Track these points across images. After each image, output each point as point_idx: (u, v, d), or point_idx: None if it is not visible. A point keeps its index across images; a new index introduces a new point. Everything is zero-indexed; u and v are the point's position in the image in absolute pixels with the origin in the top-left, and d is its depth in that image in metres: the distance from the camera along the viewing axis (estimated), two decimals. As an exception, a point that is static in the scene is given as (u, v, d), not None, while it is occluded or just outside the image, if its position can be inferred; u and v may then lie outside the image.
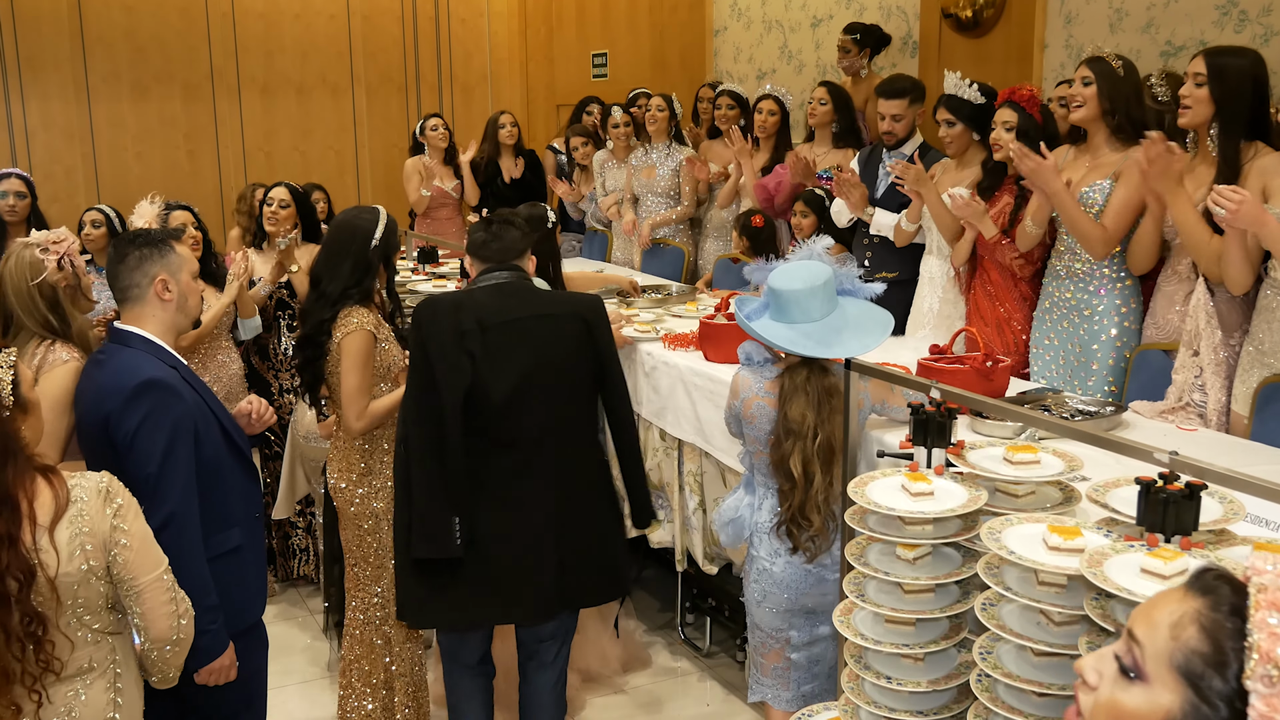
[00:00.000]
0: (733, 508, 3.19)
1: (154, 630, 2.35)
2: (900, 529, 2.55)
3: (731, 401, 3.16)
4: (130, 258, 2.82)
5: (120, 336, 2.81)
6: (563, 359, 3.25)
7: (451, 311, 3.17)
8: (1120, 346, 3.84)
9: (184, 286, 2.86)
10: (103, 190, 8.76)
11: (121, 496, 2.31)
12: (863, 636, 2.57)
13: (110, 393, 2.69)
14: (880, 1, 7.09)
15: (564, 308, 3.30)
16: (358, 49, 9.60)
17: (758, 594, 3.14)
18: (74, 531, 2.23)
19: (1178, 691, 1.23)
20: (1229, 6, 4.95)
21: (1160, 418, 3.41)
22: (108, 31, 8.78)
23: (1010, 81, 5.54)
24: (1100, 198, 3.81)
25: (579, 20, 9.70)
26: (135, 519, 2.32)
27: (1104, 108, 3.81)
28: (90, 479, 2.30)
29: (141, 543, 2.31)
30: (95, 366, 2.82)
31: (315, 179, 7.92)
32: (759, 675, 3.25)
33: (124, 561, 2.28)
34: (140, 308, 2.82)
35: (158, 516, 2.58)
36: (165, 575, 2.36)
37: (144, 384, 2.68)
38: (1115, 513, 2.33)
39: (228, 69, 9.22)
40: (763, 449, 3.09)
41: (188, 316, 2.94)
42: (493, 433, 3.18)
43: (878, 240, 4.86)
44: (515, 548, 3.22)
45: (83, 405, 2.79)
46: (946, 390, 2.69)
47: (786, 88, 6.50)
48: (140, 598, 2.31)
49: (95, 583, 2.26)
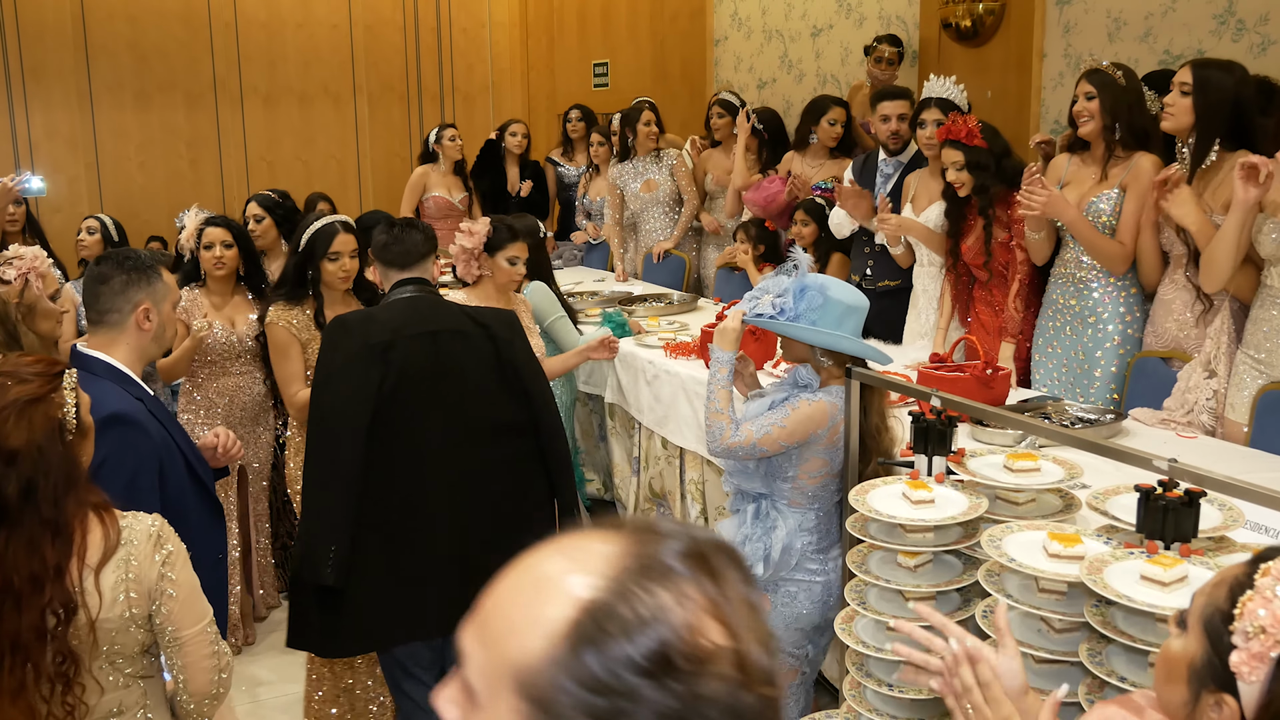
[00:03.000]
0: (782, 539, 3.00)
1: (194, 684, 2.23)
2: (901, 536, 2.56)
3: (814, 431, 2.94)
4: (114, 280, 2.68)
5: (85, 363, 2.61)
6: (474, 374, 3.17)
7: (362, 324, 3.08)
8: (1123, 355, 3.86)
9: (165, 316, 2.74)
10: (106, 200, 8.78)
11: (172, 543, 2.19)
12: (864, 643, 2.58)
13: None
14: (880, 11, 7.11)
15: (474, 324, 3.21)
16: (360, 59, 9.62)
17: (787, 617, 3.05)
18: (120, 576, 2.11)
19: (1201, 643, 1.36)
20: (1226, 16, 4.97)
21: (1161, 425, 3.43)
22: (111, 41, 8.80)
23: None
24: (1108, 207, 3.82)
25: (580, 30, 9.74)
26: (184, 568, 2.18)
27: (1105, 122, 3.83)
28: (142, 521, 2.18)
29: (189, 594, 2.19)
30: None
31: (317, 188, 7.94)
32: None
33: (168, 613, 2.15)
34: (115, 333, 2.68)
35: None
36: (210, 628, 2.24)
37: (107, 419, 2.47)
38: (1115, 520, 2.35)
39: (230, 78, 9.24)
40: (835, 473, 3.01)
41: (161, 347, 2.82)
42: (399, 445, 3.07)
43: (879, 249, 4.88)
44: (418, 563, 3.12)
45: None
46: (947, 398, 2.71)
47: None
48: (183, 650, 2.19)
49: (135, 630, 2.14)
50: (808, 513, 3.03)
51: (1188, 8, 5.14)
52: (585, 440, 5.06)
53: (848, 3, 7.42)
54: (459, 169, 7.41)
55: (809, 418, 2.92)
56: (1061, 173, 4.01)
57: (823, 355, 2.99)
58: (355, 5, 9.53)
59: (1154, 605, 2.01)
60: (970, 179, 4.14)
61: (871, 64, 6.47)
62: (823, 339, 2.91)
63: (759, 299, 2.97)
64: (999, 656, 1.65)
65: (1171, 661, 1.40)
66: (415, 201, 7.31)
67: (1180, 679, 1.38)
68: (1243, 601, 1.29)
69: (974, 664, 1.63)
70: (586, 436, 5.06)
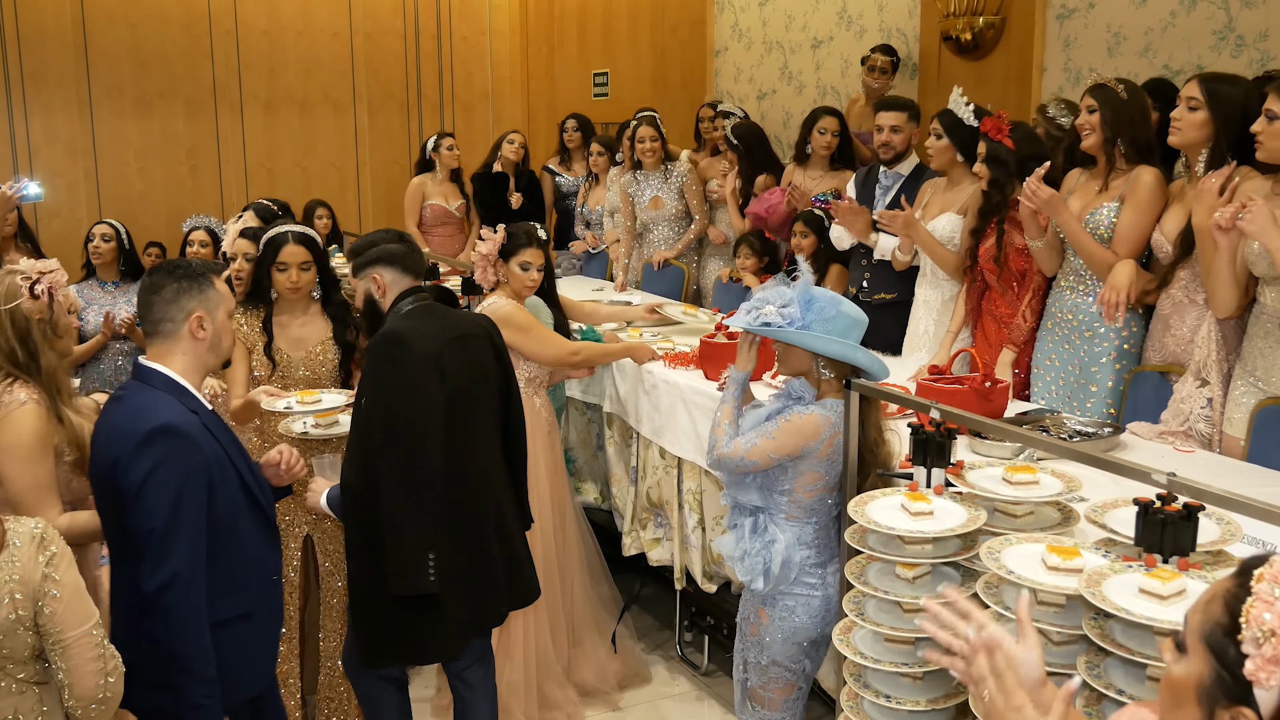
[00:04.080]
0: (781, 552, 2.99)
1: (79, 688, 2.22)
2: (900, 548, 2.56)
3: (805, 445, 2.92)
4: (166, 289, 2.64)
5: (143, 374, 2.63)
6: (493, 376, 3.35)
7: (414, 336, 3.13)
8: (1120, 369, 3.86)
9: (219, 325, 2.71)
10: (105, 205, 8.78)
11: (56, 545, 2.20)
12: (862, 655, 2.58)
13: (121, 436, 2.50)
14: (880, 24, 7.13)
15: (478, 326, 3.37)
16: (360, 66, 9.63)
17: (785, 631, 3.04)
18: (5, 577, 2.13)
19: (1206, 661, 1.34)
20: (1226, 31, 4.98)
21: (1160, 439, 3.43)
22: (111, 47, 8.81)
23: (1009, 104, 5.59)
24: (1107, 220, 3.83)
25: (580, 39, 9.75)
26: (68, 569, 2.20)
27: (1106, 135, 3.84)
28: (25, 524, 2.20)
29: (73, 594, 2.20)
30: (114, 404, 2.62)
31: (317, 195, 7.95)
32: (764, 712, 3.14)
33: (51, 613, 2.16)
34: (170, 344, 2.65)
35: (160, 576, 2.44)
36: (95, 630, 2.23)
37: (156, 430, 2.49)
38: (1113, 533, 2.35)
39: (230, 85, 9.25)
40: (831, 486, 3.01)
41: (219, 357, 2.76)
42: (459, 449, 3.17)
43: (876, 262, 4.88)
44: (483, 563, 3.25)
45: (96, 446, 2.57)
46: (946, 410, 2.71)
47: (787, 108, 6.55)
48: (66, 652, 2.19)
49: (22, 633, 2.16)
50: (805, 526, 3.02)
51: (1188, 23, 5.15)
52: (583, 449, 5.06)
53: (848, 15, 7.44)
54: (456, 177, 7.41)
55: (799, 430, 2.91)
56: (1073, 184, 4.03)
57: (825, 367, 2.96)
58: (356, 13, 9.54)
59: (1152, 619, 2.01)
60: (988, 173, 4.20)
61: (865, 73, 6.49)
62: (836, 349, 2.89)
63: (760, 309, 2.94)
64: (1019, 646, 1.65)
65: (1177, 686, 1.38)
66: (417, 211, 7.32)
67: (1189, 702, 1.36)
68: (1245, 609, 1.28)
69: (990, 653, 1.63)
70: (584, 446, 5.06)
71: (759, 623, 3.07)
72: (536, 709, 4.11)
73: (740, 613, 3.19)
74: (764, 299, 2.95)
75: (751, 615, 3.10)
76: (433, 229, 7.38)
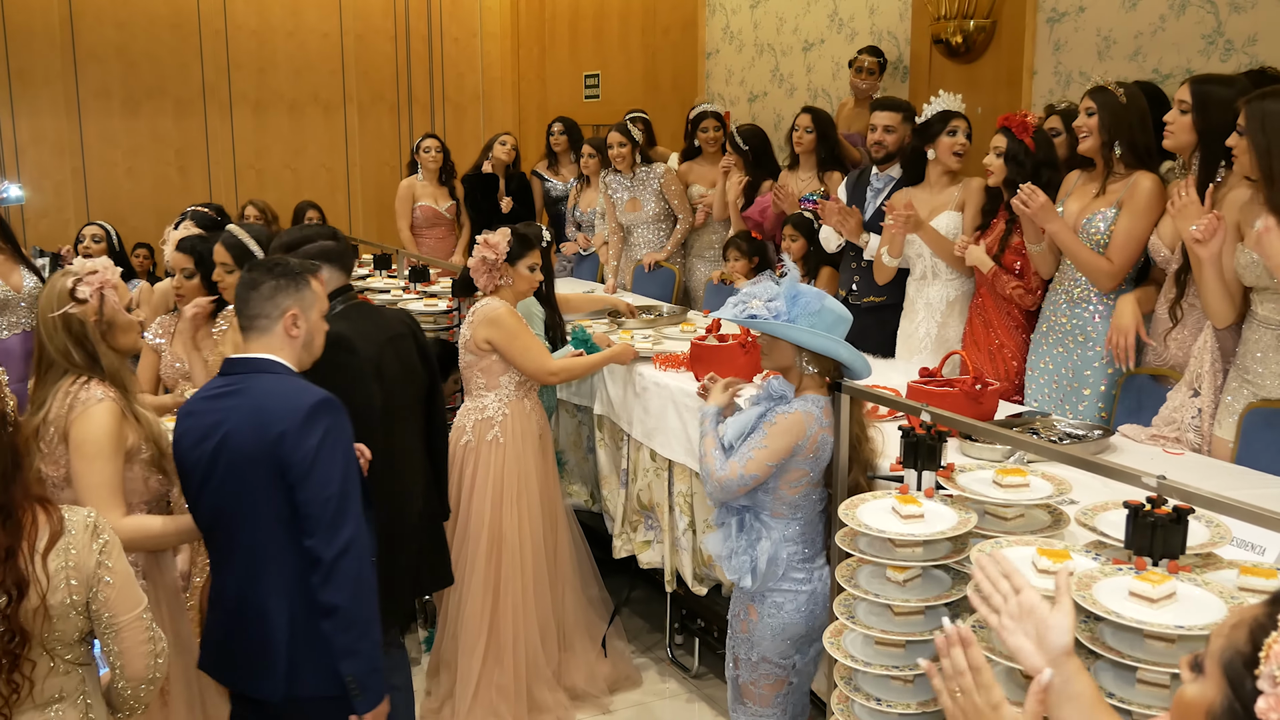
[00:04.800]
0: (768, 550, 3.01)
1: (131, 669, 2.30)
2: (890, 551, 2.56)
3: (795, 443, 2.91)
4: (264, 286, 2.71)
5: (256, 364, 2.67)
6: (415, 376, 3.46)
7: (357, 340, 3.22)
8: (1112, 373, 3.87)
9: (312, 325, 2.77)
10: (92, 205, 8.75)
11: (107, 534, 2.27)
12: (852, 658, 2.58)
13: (281, 414, 2.54)
14: (872, 26, 7.14)
15: (404, 326, 3.49)
16: (350, 67, 9.62)
17: (774, 627, 3.05)
18: (61, 563, 2.20)
19: (1220, 688, 1.28)
20: (1215, 35, 5.00)
21: (1151, 441, 3.43)
22: (100, 47, 8.79)
23: (1000, 107, 5.60)
24: (1104, 225, 3.83)
25: (572, 41, 9.75)
26: (119, 558, 2.27)
27: (1104, 139, 3.84)
28: (79, 513, 2.27)
29: (124, 581, 2.27)
30: (234, 396, 2.63)
31: (307, 196, 7.95)
32: (755, 708, 3.15)
33: (105, 599, 2.24)
34: (266, 339, 2.71)
35: (339, 541, 2.50)
36: (145, 614, 2.31)
37: (320, 403, 2.57)
38: (1103, 536, 2.35)
39: (220, 85, 9.23)
40: (816, 481, 3.03)
41: (310, 355, 2.81)
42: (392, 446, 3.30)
43: (866, 265, 4.88)
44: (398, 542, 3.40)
45: (241, 433, 2.57)
46: (936, 413, 2.71)
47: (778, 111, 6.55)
48: (120, 635, 2.27)
49: (75, 617, 2.23)
50: (791, 523, 3.03)
51: (1177, 27, 5.17)
52: (573, 451, 5.05)
53: (839, 18, 7.45)
54: (446, 178, 7.40)
55: (787, 431, 2.91)
56: (1071, 186, 4.03)
57: (808, 362, 2.96)
58: (346, 14, 9.53)
59: (1142, 622, 2.01)
60: (1003, 169, 4.19)
61: (853, 75, 6.50)
62: (821, 343, 2.89)
63: (747, 303, 2.94)
64: (1052, 612, 1.64)
65: (1188, 708, 1.33)
66: (408, 213, 7.31)
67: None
68: (1268, 644, 1.22)
69: (967, 647, 1.63)
70: (574, 448, 5.05)
71: (748, 620, 3.08)
72: (526, 712, 4.10)
73: (730, 610, 3.20)
74: (751, 293, 2.95)
75: (741, 613, 3.12)
76: (424, 231, 7.37)
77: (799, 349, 2.94)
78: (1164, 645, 2.03)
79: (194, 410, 2.67)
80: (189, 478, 2.66)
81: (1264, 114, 3.17)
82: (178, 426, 2.69)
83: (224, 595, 2.67)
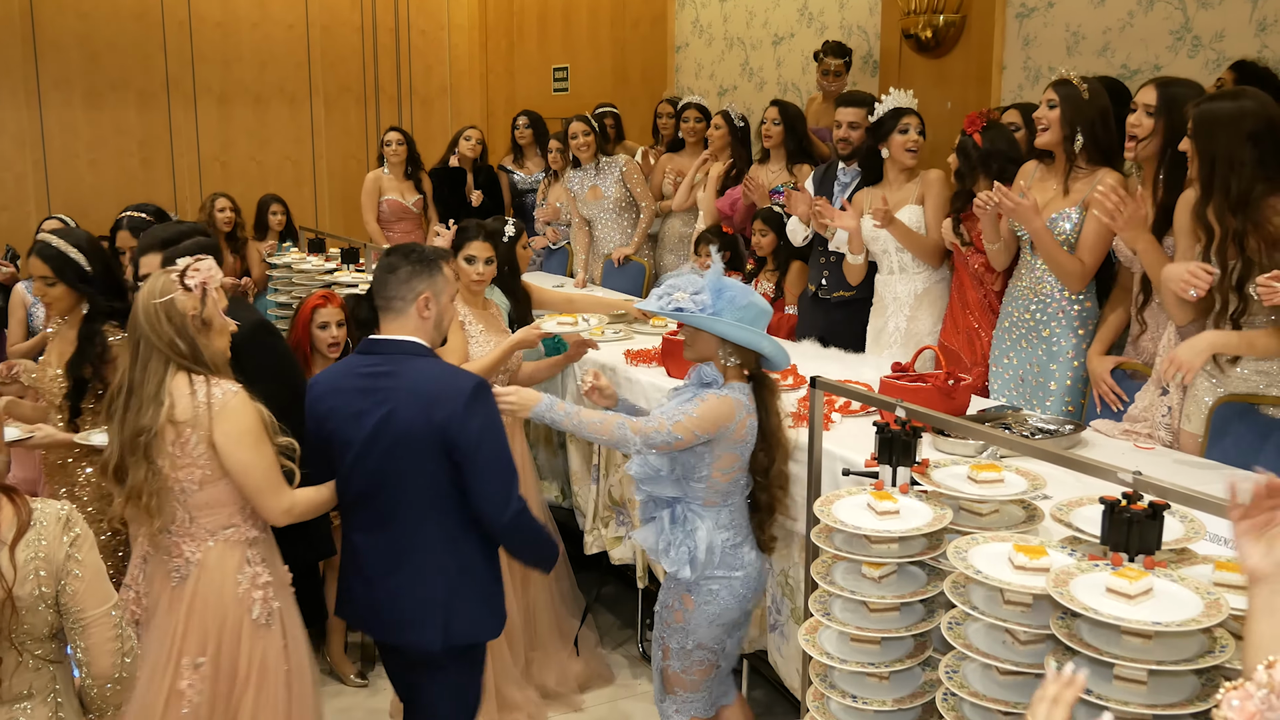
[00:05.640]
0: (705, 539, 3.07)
1: (97, 666, 2.30)
2: (866, 548, 2.55)
3: (722, 426, 2.98)
4: (401, 271, 2.93)
5: (400, 346, 2.91)
6: None
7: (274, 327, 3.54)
8: (1078, 368, 3.88)
9: (442, 307, 2.99)
10: (54, 198, 8.62)
11: (79, 527, 2.27)
12: (828, 655, 2.57)
13: (445, 398, 2.81)
14: (841, 21, 7.14)
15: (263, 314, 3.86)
16: (316, 59, 9.52)
17: (710, 614, 3.12)
18: (31, 555, 2.19)
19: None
20: (1183, 32, 5.03)
21: (1124, 436, 3.44)
22: (61, 37, 8.65)
23: (969, 102, 5.63)
24: (1069, 226, 3.82)
25: (540, 34, 9.70)
26: (90, 551, 2.27)
27: (1065, 133, 3.84)
28: (51, 505, 2.27)
29: (94, 575, 2.27)
30: (389, 377, 2.87)
31: (272, 189, 7.85)
32: (685, 694, 3.23)
33: (73, 592, 2.24)
34: (402, 320, 2.94)
35: (512, 506, 2.86)
36: (113, 611, 2.31)
37: (477, 385, 2.85)
38: (1079, 532, 2.35)
39: (184, 77, 9.11)
40: (744, 467, 3.10)
41: (439, 336, 3.03)
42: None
43: (835, 259, 4.88)
44: None
45: (400, 415, 2.81)
46: (910, 409, 2.71)
47: (747, 105, 6.54)
48: (86, 631, 2.27)
49: (44, 610, 2.22)
50: (721, 510, 3.10)
51: (1145, 23, 5.19)
52: (544, 447, 5.02)
53: (809, 12, 7.45)
54: (412, 171, 7.33)
55: (716, 411, 2.97)
56: (1028, 179, 4.02)
57: (731, 354, 3.03)
58: (312, 5, 9.44)
59: (1119, 618, 2.01)
60: (955, 162, 4.27)
61: (819, 75, 6.51)
62: (744, 336, 2.97)
63: (671, 295, 3.00)
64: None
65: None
66: (374, 206, 7.24)
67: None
68: (1228, 687, 1.24)
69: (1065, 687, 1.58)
70: (545, 444, 5.02)
71: (683, 609, 3.15)
72: (496, 710, 4.06)
73: (661, 601, 3.25)
74: (675, 285, 3.02)
75: (675, 603, 3.17)
76: (391, 224, 7.30)
77: (722, 341, 3.01)
78: (1141, 642, 2.03)
79: (340, 388, 2.92)
80: (343, 450, 2.90)
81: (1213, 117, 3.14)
82: (320, 403, 2.93)
83: (374, 557, 2.92)
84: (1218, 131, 3.12)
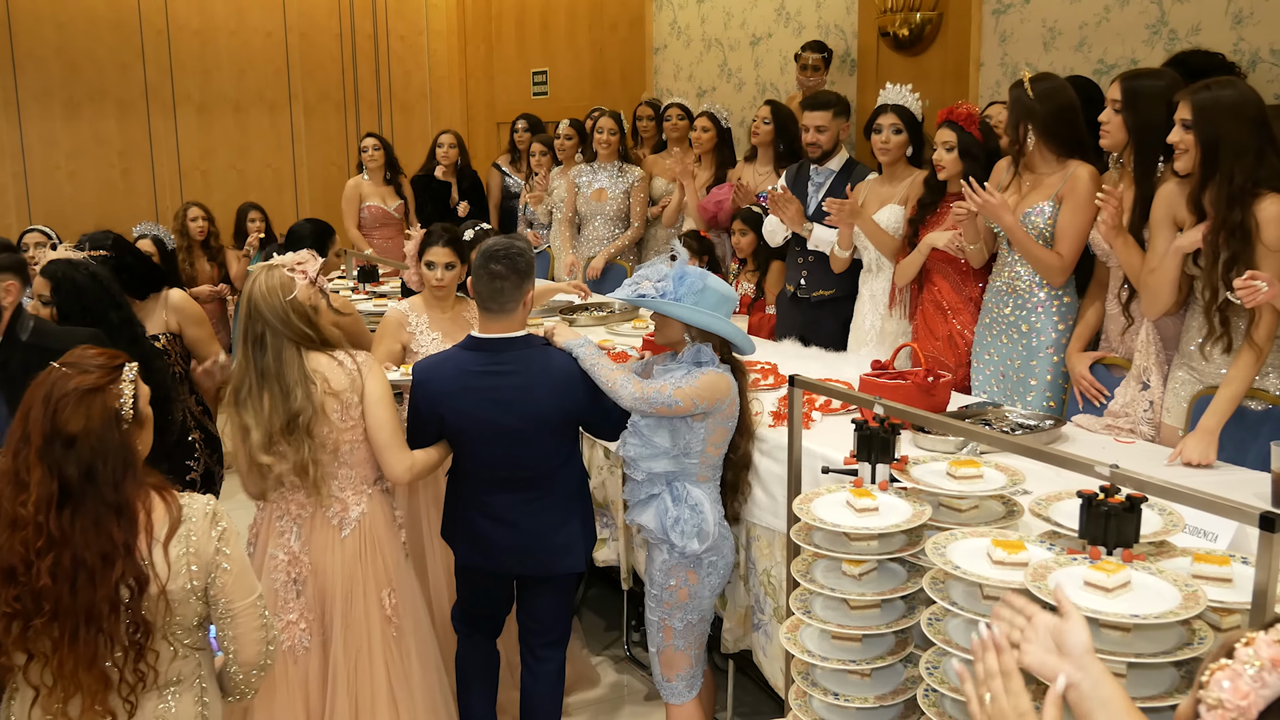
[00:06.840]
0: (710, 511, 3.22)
1: (244, 655, 2.40)
2: (846, 545, 2.55)
3: (719, 399, 3.13)
4: (512, 278, 3.22)
5: (519, 342, 3.27)
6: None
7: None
8: (1058, 363, 3.88)
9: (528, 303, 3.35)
10: (34, 209, 8.58)
11: (225, 521, 2.37)
12: (809, 653, 2.57)
13: (570, 384, 3.24)
14: (819, 20, 7.15)
15: None
16: (295, 66, 9.50)
17: (713, 585, 3.28)
18: (182, 550, 2.29)
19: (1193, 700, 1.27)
20: (1159, 25, 5.05)
21: (1106, 431, 3.44)
22: (38, 48, 8.61)
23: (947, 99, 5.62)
24: (1042, 221, 3.83)
25: (519, 38, 9.69)
26: (236, 545, 2.37)
27: (1011, 135, 3.88)
28: (198, 501, 2.36)
29: (240, 568, 2.37)
30: (516, 375, 3.23)
31: (253, 197, 7.84)
32: (688, 670, 3.34)
33: (222, 585, 2.34)
34: (509, 320, 3.26)
35: (622, 422, 3.30)
36: (259, 601, 2.41)
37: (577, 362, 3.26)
38: (1058, 526, 2.35)
39: (163, 87, 9.08)
40: (729, 443, 3.26)
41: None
42: None
43: (813, 258, 4.88)
44: None
45: (540, 402, 3.22)
46: (889, 406, 2.71)
47: (726, 105, 6.54)
48: (235, 621, 2.37)
49: (194, 602, 2.32)
50: (711, 484, 3.26)
51: (1121, 18, 5.21)
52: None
53: (786, 11, 7.45)
54: (392, 176, 7.31)
55: (715, 384, 3.12)
56: (1001, 176, 4.03)
57: (694, 338, 3.19)
58: (290, 12, 9.42)
59: (1098, 611, 2.01)
60: (958, 165, 4.19)
61: (799, 71, 6.50)
62: (703, 319, 3.11)
63: (638, 284, 3.20)
64: (1066, 624, 1.59)
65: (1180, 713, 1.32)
66: (355, 212, 7.22)
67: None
68: (1214, 669, 1.22)
69: (1000, 652, 1.60)
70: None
71: (689, 586, 3.25)
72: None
73: (659, 584, 3.31)
74: (643, 275, 3.22)
75: (679, 581, 3.26)
76: (372, 231, 7.28)
77: (686, 326, 3.18)
78: (1119, 634, 2.03)
79: (470, 386, 3.24)
80: (480, 432, 3.27)
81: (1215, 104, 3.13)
82: (454, 400, 3.24)
83: (520, 510, 3.35)
84: (1222, 119, 3.10)
